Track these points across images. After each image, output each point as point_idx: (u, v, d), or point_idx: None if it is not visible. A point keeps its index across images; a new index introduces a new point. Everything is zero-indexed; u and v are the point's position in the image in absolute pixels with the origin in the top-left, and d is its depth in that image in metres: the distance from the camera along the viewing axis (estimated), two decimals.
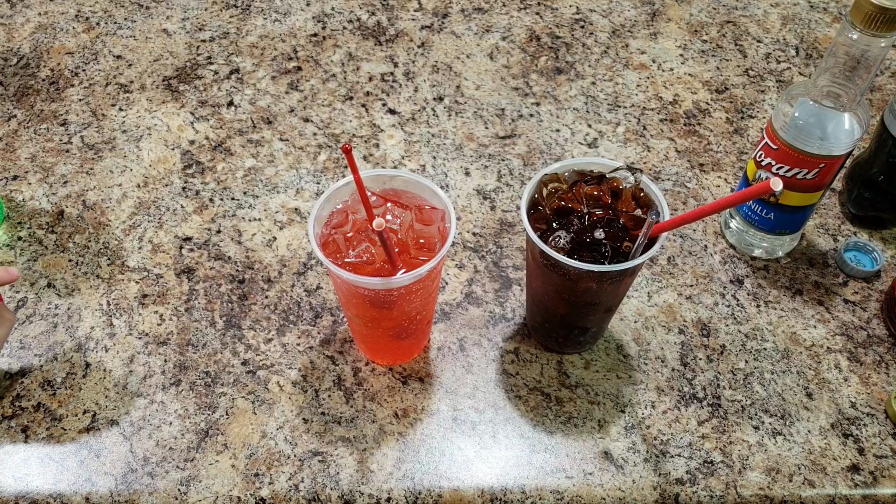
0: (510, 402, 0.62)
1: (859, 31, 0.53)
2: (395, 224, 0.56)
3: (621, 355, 0.65)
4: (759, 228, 0.67)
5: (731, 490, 0.57)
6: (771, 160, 0.62)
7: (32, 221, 0.74)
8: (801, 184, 0.62)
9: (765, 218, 0.66)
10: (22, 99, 0.85)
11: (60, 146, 0.80)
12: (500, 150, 0.80)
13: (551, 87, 0.87)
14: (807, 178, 0.61)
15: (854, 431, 0.61)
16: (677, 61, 0.90)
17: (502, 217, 0.75)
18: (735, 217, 0.70)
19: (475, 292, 0.69)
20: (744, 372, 0.64)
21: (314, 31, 0.93)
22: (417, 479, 0.58)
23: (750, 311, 0.68)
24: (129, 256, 0.71)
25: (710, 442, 0.60)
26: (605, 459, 0.59)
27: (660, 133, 0.82)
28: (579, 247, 0.53)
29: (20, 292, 0.68)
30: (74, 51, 0.90)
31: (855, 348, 0.66)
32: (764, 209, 0.65)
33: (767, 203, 0.65)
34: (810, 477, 0.58)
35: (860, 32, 0.53)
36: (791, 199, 0.64)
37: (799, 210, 0.65)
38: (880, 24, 0.51)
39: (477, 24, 0.95)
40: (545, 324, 0.63)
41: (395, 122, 0.83)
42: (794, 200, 0.64)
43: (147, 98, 0.85)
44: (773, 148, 0.62)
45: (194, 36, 0.92)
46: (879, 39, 0.52)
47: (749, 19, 0.96)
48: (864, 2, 0.52)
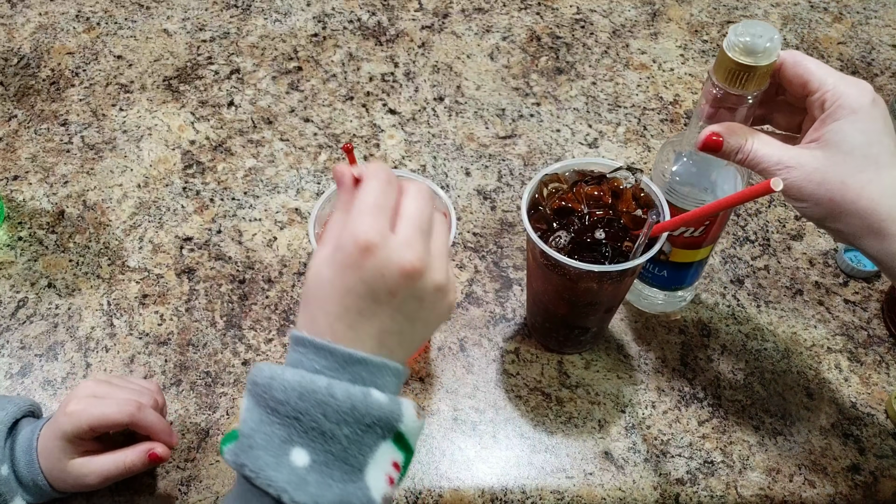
0: (510, 403, 0.62)
1: (722, 88, 0.48)
2: None
3: (622, 355, 0.65)
4: (653, 285, 0.65)
5: (732, 490, 0.57)
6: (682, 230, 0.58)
7: (33, 221, 0.74)
8: (689, 241, 0.59)
9: (657, 275, 0.64)
10: (22, 99, 0.85)
11: (61, 146, 0.80)
12: (501, 151, 0.80)
13: (552, 87, 0.87)
14: (694, 236, 0.59)
15: (854, 431, 0.61)
16: (678, 61, 0.90)
17: (503, 217, 0.75)
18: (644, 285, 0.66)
19: (475, 292, 0.69)
20: (744, 372, 0.64)
21: (315, 31, 0.93)
22: (418, 479, 0.58)
23: (750, 311, 0.68)
24: (130, 256, 0.71)
25: (711, 442, 0.60)
26: (606, 459, 0.59)
27: (660, 133, 0.82)
28: (580, 247, 0.53)
29: (20, 292, 0.68)
30: (75, 51, 0.90)
31: (855, 348, 0.66)
32: (656, 267, 0.63)
33: (659, 260, 0.62)
34: (811, 477, 0.58)
35: (723, 90, 0.48)
36: (680, 256, 0.61)
37: (687, 266, 0.62)
38: (742, 81, 0.47)
39: (477, 24, 0.95)
40: (545, 324, 0.63)
41: (396, 123, 0.83)
42: (683, 257, 0.61)
43: (147, 98, 0.85)
44: None
45: (195, 36, 0.92)
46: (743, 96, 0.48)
47: (749, 19, 0.96)
48: (725, 58, 0.47)
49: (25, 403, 0.56)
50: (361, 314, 0.38)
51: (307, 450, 0.36)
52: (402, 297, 0.38)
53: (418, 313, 0.39)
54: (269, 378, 0.36)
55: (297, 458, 0.35)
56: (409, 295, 0.38)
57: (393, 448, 0.37)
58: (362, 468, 0.36)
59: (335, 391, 0.36)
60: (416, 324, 0.39)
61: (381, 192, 0.39)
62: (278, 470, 0.35)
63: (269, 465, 0.35)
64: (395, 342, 0.39)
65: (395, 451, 0.38)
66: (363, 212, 0.38)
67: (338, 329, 0.38)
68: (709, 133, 0.48)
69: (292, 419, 0.35)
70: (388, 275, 0.37)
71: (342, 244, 0.37)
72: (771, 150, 0.47)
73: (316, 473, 0.35)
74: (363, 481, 0.36)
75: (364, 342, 0.38)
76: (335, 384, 0.36)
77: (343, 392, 0.36)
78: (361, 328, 0.38)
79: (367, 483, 0.36)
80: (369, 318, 0.38)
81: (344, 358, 0.37)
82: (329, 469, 0.36)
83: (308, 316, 0.39)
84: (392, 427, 0.37)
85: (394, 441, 0.38)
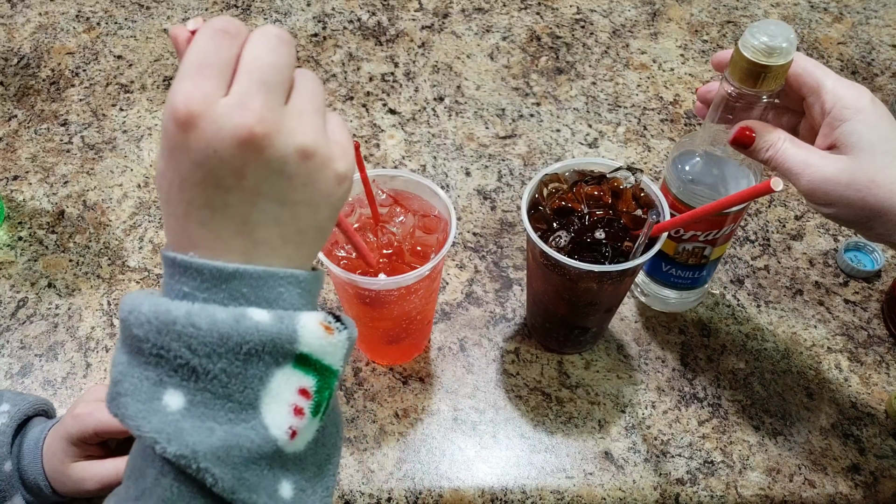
0: (510, 403, 0.62)
1: (737, 88, 0.48)
2: (395, 227, 0.56)
3: (622, 355, 0.65)
4: (687, 288, 0.64)
5: (732, 490, 0.57)
6: (695, 232, 0.58)
7: (33, 221, 0.74)
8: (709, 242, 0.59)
9: (695, 278, 0.63)
10: (22, 99, 0.85)
11: (61, 146, 0.80)
12: (501, 150, 0.80)
13: (552, 87, 0.87)
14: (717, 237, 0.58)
15: (854, 431, 0.61)
16: (678, 61, 0.90)
17: (503, 217, 0.75)
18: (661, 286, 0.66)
19: (476, 292, 0.69)
20: (744, 372, 0.64)
21: (315, 31, 0.93)
22: (418, 479, 0.58)
23: (750, 311, 0.68)
24: (130, 256, 0.71)
25: (711, 442, 0.60)
26: (606, 459, 0.59)
27: (660, 133, 0.82)
28: (580, 247, 0.53)
29: (20, 292, 0.68)
30: (75, 51, 0.90)
31: (855, 348, 0.65)
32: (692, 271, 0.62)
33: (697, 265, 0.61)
34: (811, 477, 0.58)
35: (737, 89, 0.48)
36: (716, 253, 0.61)
37: (716, 263, 0.63)
38: (757, 80, 0.47)
39: (477, 24, 0.95)
40: (545, 324, 0.63)
41: (396, 123, 0.83)
42: (717, 254, 0.61)
43: (147, 98, 0.85)
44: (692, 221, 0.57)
45: None
46: (758, 95, 0.48)
47: (750, 19, 0.96)
48: (741, 58, 0.47)
49: (39, 402, 0.56)
50: (210, 207, 0.30)
51: (181, 391, 0.30)
52: (255, 175, 0.30)
53: (291, 194, 0.31)
54: (128, 312, 0.30)
55: (171, 401, 0.30)
56: (264, 170, 0.30)
57: (296, 373, 0.31)
58: (254, 403, 0.30)
59: (197, 319, 0.29)
60: (297, 208, 0.31)
61: (213, 44, 0.30)
62: (148, 417, 0.29)
63: (140, 412, 0.29)
64: (273, 235, 0.31)
65: (302, 375, 0.31)
66: (184, 75, 0.30)
67: (190, 230, 0.31)
68: (742, 127, 0.48)
69: (157, 357, 0.30)
70: (222, 149, 0.29)
71: (163, 122, 0.30)
72: (798, 151, 0.47)
73: (193, 418, 0.30)
74: (257, 419, 0.30)
75: (227, 241, 0.31)
76: (198, 310, 0.30)
77: (207, 319, 0.29)
78: (216, 223, 0.30)
79: (262, 420, 0.30)
80: (221, 211, 0.30)
81: (213, 274, 0.30)
82: (210, 410, 0.30)
83: (165, 226, 0.32)
84: (286, 350, 0.30)
85: (296, 365, 0.31)
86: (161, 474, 0.30)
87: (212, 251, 0.31)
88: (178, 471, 0.30)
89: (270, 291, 0.31)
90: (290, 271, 0.32)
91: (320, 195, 0.32)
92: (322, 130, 0.32)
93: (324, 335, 0.31)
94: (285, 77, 0.31)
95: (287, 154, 0.30)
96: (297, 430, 0.31)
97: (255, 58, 0.30)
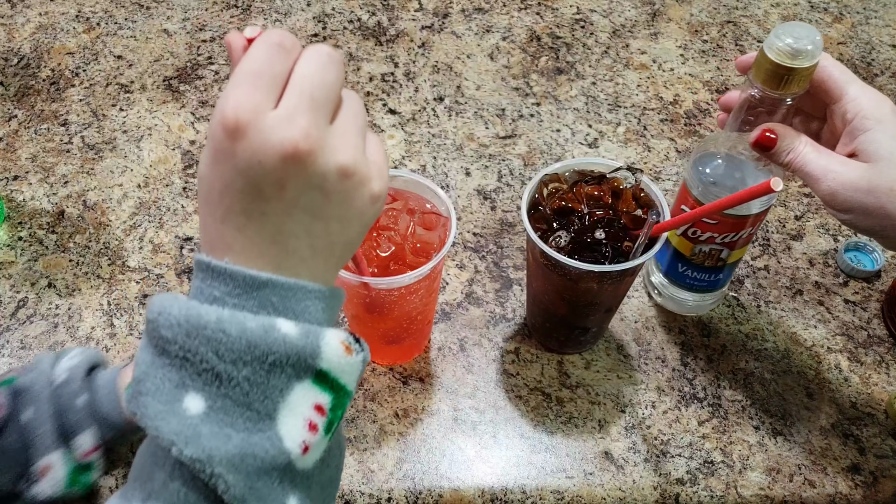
0: (511, 403, 0.62)
1: (760, 90, 0.48)
2: (394, 225, 0.56)
3: (622, 355, 0.65)
4: (703, 290, 0.64)
5: (732, 490, 0.57)
6: (712, 234, 0.58)
7: (33, 221, 0.74)
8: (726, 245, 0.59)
9: (712, 280, 0.63)
10: (23, 99, 0.85)
11: (61, 146, 0.80)
12: (501, 151, 0.80)
13: (552, 87, 0.87)
14: (734, 240, 0.58)
15: (854, 431, 0.61)
16: (678, 61, 0.90)
17: (503, 217, 0.75)
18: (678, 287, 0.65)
19: (476, 292, 0.69)
20: (744, 372, 0.64)
21: (315, 31, 0.93)
22: (418, 479, 0.58)
23: (750, 311, 0.68)
24: (130, 256, 0.71)
25: (711, 442, 0.60)
26: (606, 459, 0.59)
27: (660, 133, 0.83)
28: (580, 247, 0.53)
29: (20, 292, 0.68)
30: (75, 51, 0.90)
31: (855, 348, 0.66)
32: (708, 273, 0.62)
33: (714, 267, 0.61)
34: (811, 477, 0.58)
35: (761, 91, 0.48)
36: (734, 257, 0.61)
37: (734, 266, 0.63)
38: (781, 83, 0.47)
39: (477, 24, 0.95)
40: (546, 324, 0.63)
41: (396, 123, 0.83)
42: (735, 257, 0.61)
43: (148, 98, 0.85)
44: (709, 222, 0.57)
45: (195, 36, 0.92)
46: (782, 98, 0.48)
47: (749, 19, 0.96)
48: (765, 59, 0.46)
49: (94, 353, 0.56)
50: (248, 214, 0.31)
51: (202, 395, 0.30)
52: (295, 189, 0.31)
53: (326, 209, 0.32)
54: (157, 313, 0.30)
55: (192, 404, 0.30)
56: (304, 184, 0.31)
57: (314, 389, 0.31)
58: (272, 414, 0.31)
59: (227, 325, 0.30)
60: (331, 223, 0.32)
61: (267, 56, 0.31)
62: (167, 419, 0.30)
63: (159, 413, 0.30)
64: (304, 247, 0.32)
65: (319, 392, 0.32)
66: (236, 83, 0.30)
67: (226, 234, 0.31)
68: (764, 129, 0.48)
69: (182, 360, 0.30)
70: (267, 160, 0.30)
71: (211, 128, 0.31)
72: (819, 156, 0.47)
73: (212, 423, 0.30)
74: (273, 430, 0.30)
75: (261, 248, 0.31)
76: (228, 316, 0.30)
77: (237, 326, 0.30)
78: (252, 230, 0.31)
79: (278, 431, 0.31)
80: (258, 219, 0.31)
81: (245, 281, 0.31)
82: (228, 417, 0.30)
83: (201, 227, 0.33)
84: (308, 365, 0.31)
85: (315, 381, 0.31)
86: (170, 478, 0.30)
87: (245, 256, 0.31)
88: (187, 476, 0.30)
89: (298, 303, 0.32)
90: (317, 286, 0.32)
91: (354, 212, 0.33)
92: (362, 151, 0.32)
93: (344, 354, 0.32)
94: (333, 96, 0.32)
95: (328, 171, 0.31)
96: (310, 445, 0.32)
97: (306, 75, 0.31)
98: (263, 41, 0.31)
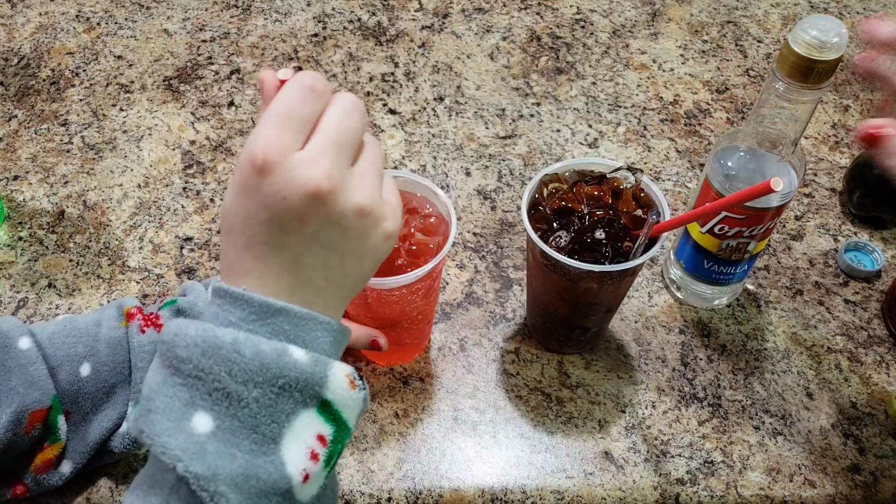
0: (511, 403, 0.62)
1: (786, 83, 0.48)
2: None
3: (622, 355, 0.65)
4: (724, 283, 0.65)
5: (732, 490, 0.57)
6: (740, 228, 0.58)
7: (33, 221, 0.74)
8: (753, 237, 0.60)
9: (738, 273, 0.63)
10: (23, 99, 0.85)
11: (61, 146, 0.80)
12: (501, 151, 0.80)
13: (552, 87, 0.87)
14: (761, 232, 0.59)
15: (854, 431, 0.61)
16: (678, 61, 0.90)
17: (503, 217, 0.75)
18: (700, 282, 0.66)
19: (476, 292, 0.69)
20: (744, 372, 0.64)
21: (315, 31, 0.93)
22: (418, 479, 0.58)
23: (750, 311, 0.68)
24: (130, 256, 0.71)
25: (711, 442, 0.60)
26: (606, 459, 0.59)
27: (660, 133, 0.83)
28: (580, 247, 0.53)
29: (21, 292, 0.68)
30: (75, 51, 0.90)
31: (855, 348, 0.66)
32: (734, 266, 0.63)
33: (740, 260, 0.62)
34: (811, 477, 0.58)
35: (786, 84, 0.48)
36: (759, 247, 0.61)
37: (757, 256, 0.63)
38: (807, 76, 0.47)
39: (477, 24, 0.95)
40: (546, 324, 0.63)
41: (396, 123, 0.83)
42: (760, 247, 0.61)
43: (148, 98, 0.85)
44: (738, 218, 0.57)
45: (195, 36, 0.92)
46: (806, 92, 0.48)
47: (749, 19, 0.96)
48: (790, 52, 0.46)
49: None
50: (269, 244, 0.33)
51: (211, 414, 0.31)
52: (315, 224, 0.33)
53: (343, 244, 0.34)
54: (173, 334, 0.32)
55: (200, 423, 0.31)
56: (324, 221, 0.33)
57: (318, 418, 0.33)
58: (277, 438, 0.32)
59: (242, 346, 0.31)
60: (346, 257, 0.34)
61: (298, 99, 0.33)
62: (175, 436, 0.30)
63: (167, 430, 0.30)
64: (319, 277, 0.34)
65: (322, 422, 0.33)
66: (267, 123, 0.32)
67: (246, 261, 0.33)
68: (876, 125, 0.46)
69: (195, 379, 0.31)
70: (291, 197, 0.32)
71: (240, 163, 0.33)
72: None
73: (218, 441, 0.31)
74: (277, 454, 0.31)
75: (278, 276, 0.33)
76: (244, 338, 0.31)
77: (252, 348, 0.31)
78: (271, 259, 0.33)
79: (281, 456, 0.32)
80: (278, 249, 0.33)
81: (261, 307, 0.32)
82: (235, 437, 0.31)
83: (222, 255, 0.35)
84: (314, 393, 0.32)
85: (319, 410, 0.33)
86: (169, 499, 0.31)
87: (261, 283, 0.33)
88: (187, 497, 0.31)
89: (309, 333, 0.33)
90: (328, 319, 0.34)
91: (368, 248, 0.35)
92: (379, 192, 0.35)
93: (348, 388, 0.33)
94: (356, 140, 0.34)
95: (346, 210, 0.33)
96: (310, 475, 0.33)
97: (332, 120, 0.34)
98: (296, 83, 0.34)
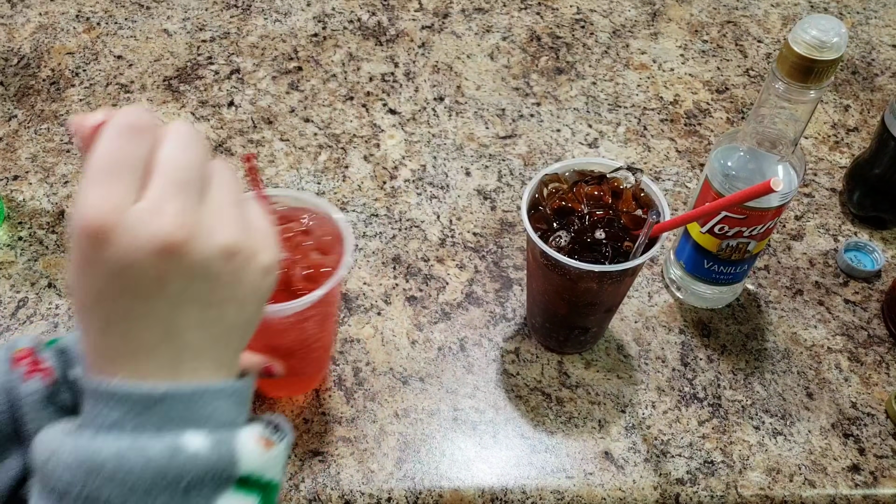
0: (511, 402, 0.62)
1: (785, 83, 0.48)
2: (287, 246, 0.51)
3: (622, 355, 0.65)
4: (725, 283, 0.65)
5: (732, 490, 0.57)
6: (740, 228, 0.58)
7: (33, 221, 0.74)
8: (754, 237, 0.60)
9: (738, 273, 0.64)
10: (23, 99, 0.85)
11: (61, 146, 0.80)
12: (501, 151, 0.80)
13: (552, 87, 0.87)
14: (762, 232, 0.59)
15: (855, 431, 0.61)
16: (678, 61, 0.90)
17: (503, 217, 0.75)
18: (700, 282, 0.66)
19: (476, 292, 0.69)
20: (744, 372, 0.64)
21: (315, 31, 0.93)
22: (418, 479, 0.58)
23: (750, 311, 0.68)
24: None
25: (711, 442, 0.60)
26: (606, 459, 0.59)
27: (660, 133, 0.83)
28: (580, 247, 0.53)
29: (20, 292, 0.69)
30: (75, 51, 0.90)
31: (855, 348, 0.66)
32: (735, 266, 0.63)
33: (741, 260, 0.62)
34: (811, 477, 0.58)
35: (786, 84, 0.48)
36: (759, 247, 0.61)
37: (757, 256, 0.63)
38: (807, 76, 0.47)
39: (477, 24, 0.95)
40: (546, 324, 0.63)
41: (396, 123, 0.83)
42: (760, 247, 0.62)
43: (148, 98, 0.85)
44: (738, 217, 0.57)
45: (195, 36, 0.92)
46: (806, 92, 0.48)
47: (750, 19, 0.96)
48: (790, 52, 0.47)
49: None
50: (131, 318, 0.28)
51: None
52: (178, 281, 0.28)
53: (216, 294, 0.29)
54: (45, 460, 0.27)
55: None
56: (187, 275, 0.28)
57: (238, 495, 0.29)
58: None
59: (128, 461, 0.27)
60: (224, 307, 0.30)
61: (120, 144, 0.27)
62: None
63: None
64: (200, 338, 0.29)
65: (244, 496, 0.29)
66: (91, 180, 0.27)
67: (112, 344, 0.28)
68: None
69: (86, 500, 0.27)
70: (140, 260, 0.27)
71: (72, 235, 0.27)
72: None
73: None
74: None
75: (152, 351, 0.29)
76: (127, 448, 0.27)
77: (139, 457, 0.27)
78: (139, 334, 0.28)
79: None
80: (143, 320, 0.28)
81: (140, 400, 0.28)
82: None
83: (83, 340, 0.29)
84: (227, 477, 0.29)
85: (238, 487, 0.29)
86: None
87: (135, 363, 0.28)
88: None
89: (203, 409, 0.29)
90: (220, 385, 0.30)
91: (247, 290, 0.30)
92: (242, 223, 0.30)
93: (263, 452, 0.30)
94: (200, 174, 0.29)
95: (210, 256, 0.28)
96: None
97: (168, 159, 0.28)
98: (114, 126, 0.28)
